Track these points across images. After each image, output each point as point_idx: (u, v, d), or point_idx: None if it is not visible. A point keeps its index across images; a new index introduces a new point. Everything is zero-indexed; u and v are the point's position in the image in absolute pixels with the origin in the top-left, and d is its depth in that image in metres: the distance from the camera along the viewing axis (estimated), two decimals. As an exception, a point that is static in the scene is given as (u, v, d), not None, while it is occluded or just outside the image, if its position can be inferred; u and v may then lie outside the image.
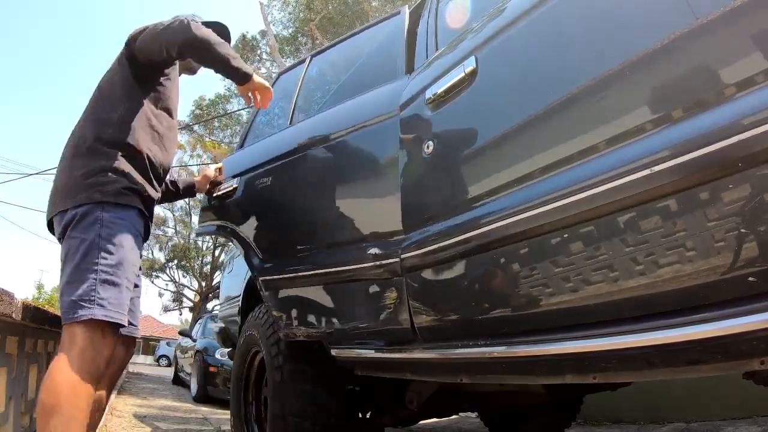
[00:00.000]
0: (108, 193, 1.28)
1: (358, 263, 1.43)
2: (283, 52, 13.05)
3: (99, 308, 1.17)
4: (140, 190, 1.36)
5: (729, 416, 2.50)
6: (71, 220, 1.26)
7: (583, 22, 0.92)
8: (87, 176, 1.29)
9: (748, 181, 0.64)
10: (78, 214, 1.26)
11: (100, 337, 1.18)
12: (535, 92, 0.98)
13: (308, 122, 1.79)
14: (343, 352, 1.60)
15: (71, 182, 1.31)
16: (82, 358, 1.14)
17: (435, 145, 1.20)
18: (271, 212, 1.84)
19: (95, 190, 1.27)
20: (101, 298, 1.18)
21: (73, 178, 1.31)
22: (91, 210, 1.26)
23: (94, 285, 1.18)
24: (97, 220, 1.25)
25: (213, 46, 1.37)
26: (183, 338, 8.96)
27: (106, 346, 1.19)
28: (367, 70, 1.78)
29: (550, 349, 0.90)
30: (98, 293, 1.18)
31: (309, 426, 1.60)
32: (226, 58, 1.40)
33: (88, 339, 1.16)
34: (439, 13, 1.51)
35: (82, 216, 1.25)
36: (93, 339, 1.17)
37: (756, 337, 0.65)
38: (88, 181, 1.28)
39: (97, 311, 1.16)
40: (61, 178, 1.35)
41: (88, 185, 1.28)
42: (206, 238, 22.06)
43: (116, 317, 1.20)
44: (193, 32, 1.33)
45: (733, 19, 0.68)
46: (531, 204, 0.91)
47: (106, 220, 1.25)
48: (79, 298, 1.17)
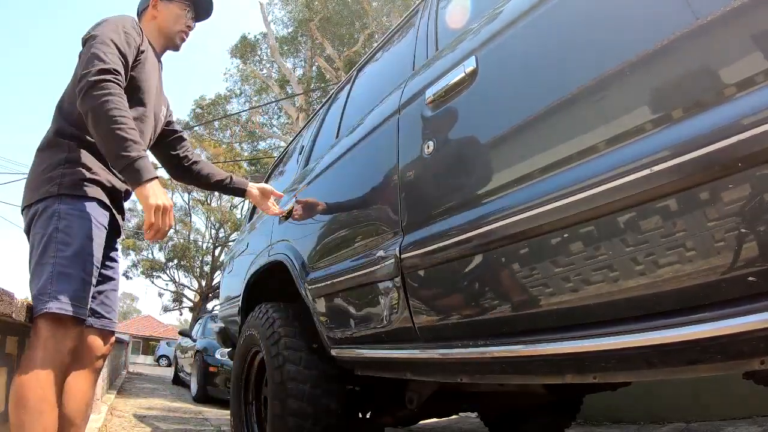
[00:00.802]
0: (64, 185, 1.27)
1: (358, 263, 1.44)
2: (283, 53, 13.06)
3: (54, 301, 1.17)
4: (102, 182, 1.35)
5: (729, 416, 2.50)
6: (34, 215, 1.28)
7: (583, 22, 0.92)
8: (47, 170, 1.30)
9: (748, 181, 0.64)
10: (39, 209, 1.27)
11: (61, 329, 1.19)
12: (535, 92, 0.98)
13: (344, 138, 1.83)
14: (343, 352, 1.60)
15: (34, 177, 1.33)
16: (44, 351, 1.17)
17: (435, 144, 1.20)
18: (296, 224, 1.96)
19: (53, 183, 1.28)
20: (56, 291, 1.18)
21: (35, 173, 1.33)
22: (50, 203, 1.26)
23: (50, 278, 1.19)
24: (54, 213, 1.25)
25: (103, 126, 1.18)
26: (183, 338, 8.97)
27: (67, 338, 1.20)
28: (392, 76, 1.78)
29: (549, 349, 0.90)
30: (53, 286, 1.19)
31: (309, 426, 1.60)
32: (112, 147, 1.19)
33: (48, 332, 1.18)
34: (438, 14, 1.51)
35: (43, 210, 1.27)
36: (54, 332, 1.18)
37: (756, 337, 0.65)
38: (47, 174, 1.29)
39: (52, 304, 1.17)
40: (29, 174, 1.37)
41: (48, 179, 1.29)
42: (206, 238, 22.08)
43: (70, 310, 1.19)
44: (90, 105, 1.19)
45: (733, 19, 0.68)
46: (531, 204, 0.91)
47: (63, 212, 1.25)
48: (38, 293, 1.19)
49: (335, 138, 1.96)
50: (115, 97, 1.21)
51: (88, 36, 1.34)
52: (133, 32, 1.40)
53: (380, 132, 1.49)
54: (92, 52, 1.26)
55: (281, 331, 1.76)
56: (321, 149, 2.10)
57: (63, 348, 1.20)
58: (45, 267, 1.21)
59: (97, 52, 1.26)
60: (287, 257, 1.92)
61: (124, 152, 1.18)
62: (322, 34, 11.93)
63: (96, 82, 1.21)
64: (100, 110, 1.19)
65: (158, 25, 1.58)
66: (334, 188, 1.78)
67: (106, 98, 1.20)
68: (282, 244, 2.03)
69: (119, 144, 1.18)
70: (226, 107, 15.89)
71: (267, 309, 1.92)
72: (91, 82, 1.21)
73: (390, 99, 1.51)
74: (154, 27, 1.58)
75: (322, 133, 2.24)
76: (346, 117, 1.98)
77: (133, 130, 1.21)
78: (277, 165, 3.08)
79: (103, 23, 1.37)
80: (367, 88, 1.96)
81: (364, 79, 2.06)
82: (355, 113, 1.87)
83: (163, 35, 1.58)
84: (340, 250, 1.58)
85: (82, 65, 1.26)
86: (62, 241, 1.23)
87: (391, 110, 1.45)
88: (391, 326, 1.33)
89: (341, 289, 1.55)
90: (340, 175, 1.75)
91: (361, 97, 1.95)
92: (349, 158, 1.68)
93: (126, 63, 1.33)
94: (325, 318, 1.67)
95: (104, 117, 1.18)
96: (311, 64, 12.85)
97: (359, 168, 1.62)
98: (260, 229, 2.45)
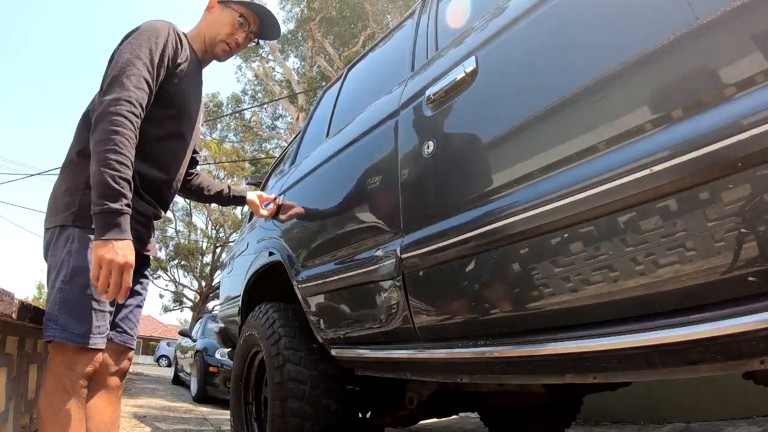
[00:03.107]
0: (80, 216, 1.20)
1: (359, 263, 1.44)
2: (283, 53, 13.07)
3: (60, 330, 1.13)
4: None
5: (729, 416, 2.50)
6: (50, 239, 1.23)
7: (583, 22, 0.92)
8: (67, 194, 1.24)
9: (748, 181, 0.64)
10: (55, 233, 1.22)
11: (69, 355, 1.15)
12: (535, 92, 0.98)
13: (335, 137, 1.82)
14: (344, 352, 1.60)
15: (54, 198, 1.27)
16: (54, 377, 1.14)
17: (435, 144, 1.20)
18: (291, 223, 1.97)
19: (70, 211, 1.21)
20: (64, 319, 1.14)
21: (56, 195, 1.27)
22: (65, 230, 1.21)
23: (58, 306, 1.15)
24: (69, 238, 1.19)
25: (95, 165, 1.10)
26: (183, 338, 8.96)
27: (77, 363, 1.15)
28: (385, 76, 1.78)
29: (550, 349, 0.90)
30: (62, 315, 1.14)
31: (309, 426, 1.60)
32: (97, 190, 1.09)
33: (57, 357, 1.15)
34: (439, 14, 1.51)
35: (59, 235, 1.22)
36: (63, 357, 1.15)
37: (756, 337, 0.65)
38: (67, 199, 1.23)
39: (58, 333, 1.14)
40: (52, 192, 1.30)
41: (65, 205, 1.23)
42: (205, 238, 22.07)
43: (76, 340, 1.13)
44: (95, 139, 1.12)
45: (733, 19, 0.68)
46: (531, 204, 0.91)
47: (77, 237, 1.19)
48: (47, 318, 1.15)
49: (326, 136, 1.97)
50: (119, 137, 1.12)
51: (120, 45, 1.26)
52: (170, 45, 1.29)
53: (380, 131, 1.48)
54: (115, 75, 1.18)
55: (281, 331, 1.76)
56: (309, 147, 2.10)
57: (74, 374, 1.15)
58: (55, 293, 1.17)
59: (121, 76, 1.18)
60: (287, 257, 1.92)
61: (106, 200, 1.09)
62: (322, 35, 11.93)
63: (109, 114, 1.13)
64: (100, 147, 1.11)
65: (204, 30, 1.46)
66: (329, 187, 1.77)
67: (112, 135, 1.11)
68: (282, 244, 2.03)
69: (105, 191, 1.09)
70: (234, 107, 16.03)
71: (267, 309, 1.91)
72: (104, 112, 1.13)
73: (389, 98, 1.51)
74: (201, 31, 1.46)
75: (314, 132, 2.24)
76: (337, 115, 1.97)
77: (125, 181, 1.11)
78: (277, 165, 3.08)
79: (138, 33, 1.27)
80: (361, 86, 1.96)
81: (356, 78, 2.06)
82: (347, 112, 1.86)
83: (206, 41, 1.45)
84: (340, 249, 1.58)
85: (106, 83, 1.20)
86: (72, 266, 1.17)
87: (391, 110, 1.45)
88: (391, 326, 1.33)
89: (341, 288, 1.55)
90: (335, 173, 1.74)
91: (354, 96, 1.95)
92: (345, 157, 1.67)
93: (155, 81, 1.25)
94: (324, 318, 1.67)
95: (101, 157, 1.10)
96: (311, 64, 12.85)
97: (357, 167, 1.61)
98: (260, 229, 2.45)
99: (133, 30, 1.29)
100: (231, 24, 1.44)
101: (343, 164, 1.69)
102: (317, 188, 1.84)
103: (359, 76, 2.06)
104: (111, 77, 1.19)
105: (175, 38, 1.33)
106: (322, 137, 2.00)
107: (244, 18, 1.46)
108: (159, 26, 1.30)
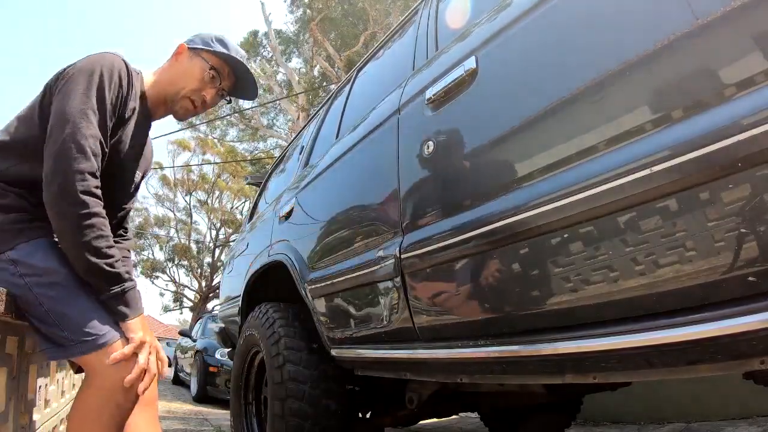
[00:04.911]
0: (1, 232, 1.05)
1: (359, 263, 1.44)
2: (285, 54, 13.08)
3: (80, 344, 1.02)
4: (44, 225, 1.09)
5: (729, 416, 2.50)
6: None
7: (583, 22, 0.92)
8: None
9: (748, 181, 0.64)
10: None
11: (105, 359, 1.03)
12: (535, 92, 0.98)
13: (343, 139, 1.82)
14: (343, 352, 1.60)
15: None
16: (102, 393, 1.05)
17: (435, 144, 1.20)
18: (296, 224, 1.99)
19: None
20: (71, 333, 1.02)
21: None
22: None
23: (56, 326, 1.03)
24: (8, 264, 1.03)
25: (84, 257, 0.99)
26: (183, 338, 8.97)
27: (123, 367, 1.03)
28: (391, 75, 1.78)
29: (549, 349, 0.90)
30: (66, 331, 1.03)
31: (309, 426, 1.60)
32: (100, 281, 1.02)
33: (100, 370, 1.04)
34: (439, 13, 1.51)
35: None
36: (104, 366, 1.03)
37: (756, 337, 0.65)
38: None
39: (83, 347, 1.02)
40: None
41: None
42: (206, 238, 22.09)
43: (93, 343, 1.02)
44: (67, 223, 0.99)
45: (733, 19, 0.68)
46: (531, 204, 0.91)
47: (14, 256, 1.04)
48: (62, 343, 1.04)
49: (335, 138, 1.97)
50: (98, 218, 1.01)
51: (65, 82, 1.06)
52: (117, 87, 1.11)
53: (380, 132, 1.49)
54: (70, 132, 1.00)
55: (281, 331, 1.76)
56: (321, 149, 2.11)
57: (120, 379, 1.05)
58: (44, 317, 1.05)
59: (77, 135, 1.01)
60: (287, 257, 1.93)
61: (110, 286, 1.03)
62: (323, 35, 11.94)
63: (75, 191, 0.98)
64: (81, 237, 0.99)
65: (165, 81, 1.25)
66: (334, 188, 1.78)
67: (89, 220, 0.99)
68: (282, 244, 2.03)
69: (108, 280, 1.02)
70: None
71: (267, 309, 1.92)
72: (69, 189, 0.98)
73: (390, 99, 1.51)
74: (161, 81, 1.26)
75: (322, 133, 2.24)
76: (346, 117, 1.98)
77: (118, 261, 1.04)
78: (278, 165, 3.08)
79: (86, 70, 1.08)
80: (368, 88, 1.96)
81: (364, 79, 2.06)
82: (355, 113, 1.87)
83: (166, 94, 1.25)
84: (340, 250, 1.58)
85: (57, 136, 1.01)
86: (38, 283, 1.03)
87: (391, 110, 1.45)
88: (392, 326, 1.33)
89: (341, 289, 1.55)
90: (340, 175, 1.75)
91: (361, 97, 1.96)
92: (349, 158, 1.68)
93: (107, 142, 1.10)
94: (326, 318, 1.67)
95: (90, 247, 0.99)
96: (312, 64, 12.87)
97: (359, 168, 1.62)
98: (260, 229, 2.45)
99: (82, 65, 1.09)
100: (199, 78, 1.24)
101: (348, 166, 1.69)
102: (325, 190, 1.84)
103: (367, 76, 2.07)
104: (66, 131, 1.01)
105: (127, 75, 1.14)
106: (332, 139, 2.01)
107: (216, 72, 1.26)
108: (110, 60, 1.11)
